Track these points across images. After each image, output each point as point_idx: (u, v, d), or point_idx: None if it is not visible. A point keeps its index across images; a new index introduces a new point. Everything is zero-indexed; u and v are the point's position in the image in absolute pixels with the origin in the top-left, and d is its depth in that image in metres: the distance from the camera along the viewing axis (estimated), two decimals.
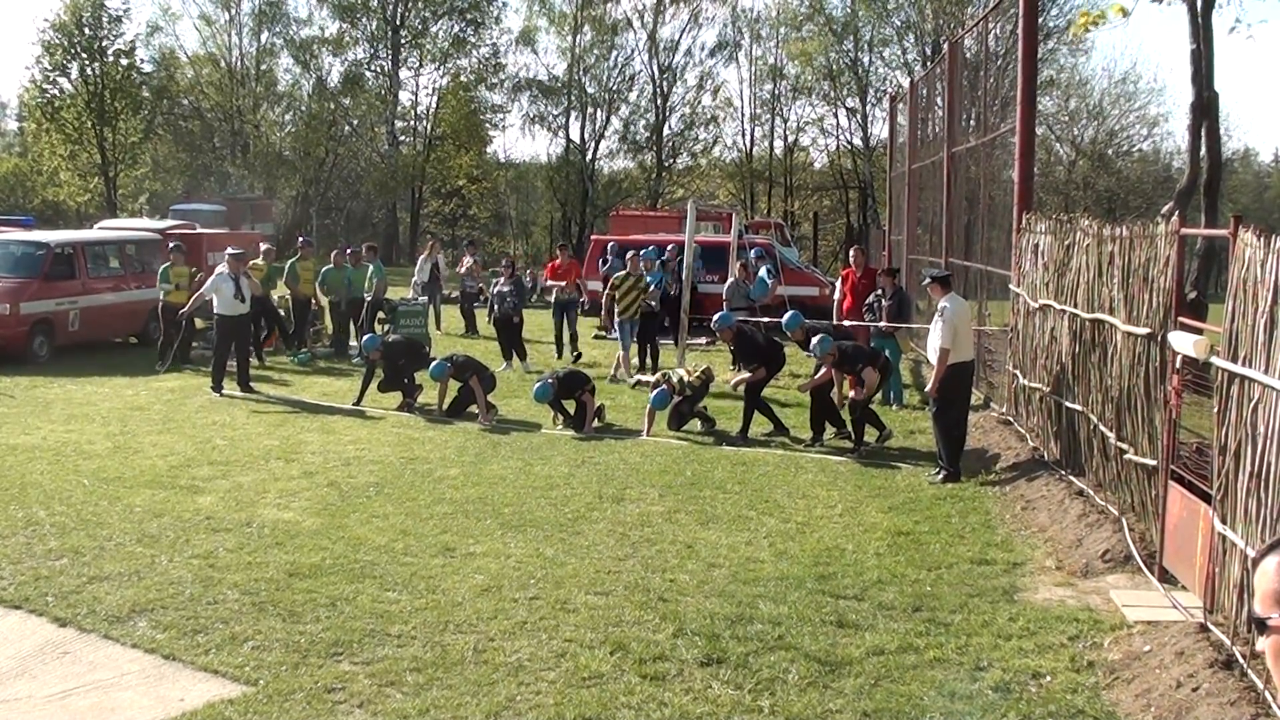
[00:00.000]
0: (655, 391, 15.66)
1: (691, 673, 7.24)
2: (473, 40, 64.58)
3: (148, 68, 61.59)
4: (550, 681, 7.07)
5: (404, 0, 62.88)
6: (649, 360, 20.75)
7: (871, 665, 7.38)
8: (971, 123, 19.21)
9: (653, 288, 21.36)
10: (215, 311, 18.61)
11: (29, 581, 8.79)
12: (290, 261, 23.11)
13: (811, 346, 14.99)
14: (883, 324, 17.40)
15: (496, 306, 21.42)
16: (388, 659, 7.36)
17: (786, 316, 15.95)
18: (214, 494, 11.59)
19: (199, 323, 21.77)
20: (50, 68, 56.80)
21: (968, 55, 20.13)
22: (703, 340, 23.56)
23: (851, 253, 20.38)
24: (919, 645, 7.72)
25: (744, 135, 65.58)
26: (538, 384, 16.04)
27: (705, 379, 16.01)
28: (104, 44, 55.86)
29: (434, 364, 16.65)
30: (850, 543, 10.33)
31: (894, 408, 17.19)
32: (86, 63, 56.00)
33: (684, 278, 20.06)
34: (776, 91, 63.97)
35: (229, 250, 19.61)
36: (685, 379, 15.72)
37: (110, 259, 23.78)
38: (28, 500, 11.20)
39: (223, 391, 18.03)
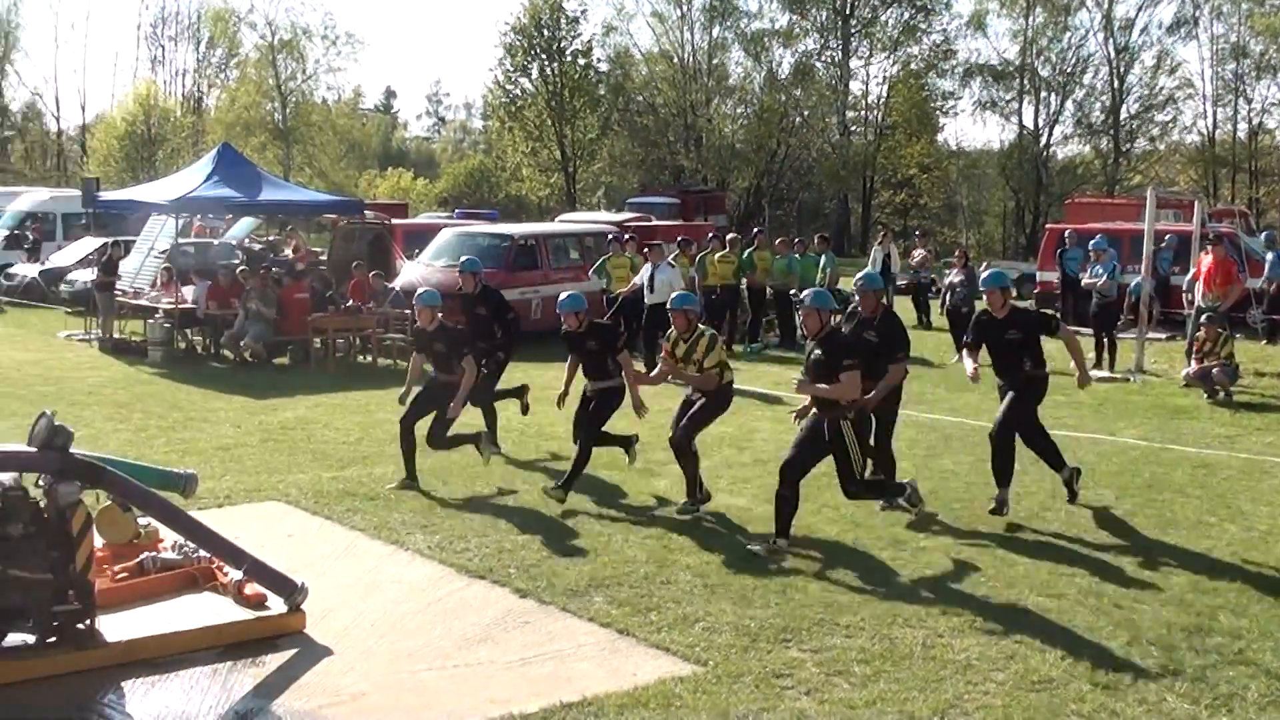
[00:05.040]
0: None
1: (1146, 684, 6.86)
2: (923, 27, 63.80)
3: (604, 66, 64.58)
4: (999, 683, 6.88)
5: None
6: (1106, 354, 19.72)
7: None
8: None
9: (1105, 279, 20.25)
10: (647, 302, 19.10)
11: (493, 554, 9.32)
12: (748, 252, 23.37)
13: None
14: None
15: (948, 297, 21.11)
16: (836, 648, 7.33)
17: None
18: (668, 478, 11.85)
19: None
20: (512, 69, 60.55)
21: None
22: (1162, 335, 22.27)
23: None
24: None
25: (1205, 117, 61.33)
26: None
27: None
28: (562, 44, 58.95)
29: None
30: None
31: None
32: (546, 63, 59.26)
33: (1145, 270, 19.11)
34: (1239, 70, 59.60)
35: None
36: None
37: (570, 250, 24.90)
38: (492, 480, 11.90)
39: None
